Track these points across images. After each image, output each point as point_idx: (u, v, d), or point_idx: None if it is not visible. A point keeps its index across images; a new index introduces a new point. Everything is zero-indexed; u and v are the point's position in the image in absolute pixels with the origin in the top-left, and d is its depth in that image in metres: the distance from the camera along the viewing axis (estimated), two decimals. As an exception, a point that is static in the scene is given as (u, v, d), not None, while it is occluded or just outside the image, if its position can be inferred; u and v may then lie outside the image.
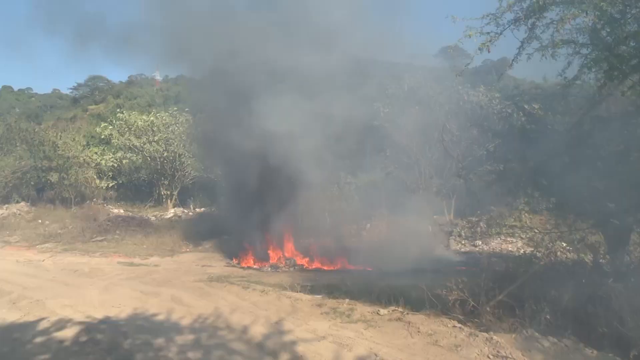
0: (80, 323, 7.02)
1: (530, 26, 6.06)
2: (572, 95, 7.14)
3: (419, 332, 6.19)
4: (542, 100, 7.25)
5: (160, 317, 7.31)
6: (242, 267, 13.68)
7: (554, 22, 5.86)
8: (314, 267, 14.22)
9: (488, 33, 6.09)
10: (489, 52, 6.07)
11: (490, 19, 6.08)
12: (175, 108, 27.74)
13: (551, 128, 7.18)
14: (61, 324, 6.97)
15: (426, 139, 21.58)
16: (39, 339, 6.34)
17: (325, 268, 14.09)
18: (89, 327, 6.82)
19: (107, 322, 7.10)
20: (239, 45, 13.85)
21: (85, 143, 28.14)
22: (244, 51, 13.71)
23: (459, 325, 6.30)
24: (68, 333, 6.57)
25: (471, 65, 6.77)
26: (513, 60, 6.23)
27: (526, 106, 8.25)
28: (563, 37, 5.96)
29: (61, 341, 6.26)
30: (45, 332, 6.64)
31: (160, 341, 6.18)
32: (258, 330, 6.52)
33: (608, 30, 5.72)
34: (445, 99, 22.27)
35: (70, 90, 79.19)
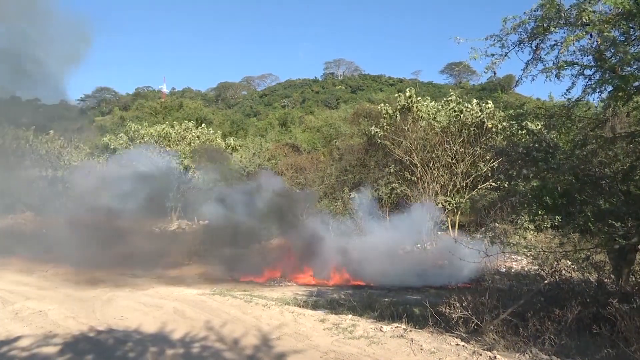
0: (82, 334, 7.02)
1: (534, 48, 6.13)
2: (577, 115, 7.17)
3: (421, 349, 6.14)
4: (547, 118, 7.28)
5: (163, 331, 7.28)
6: (246, 281, 13.68)
7: (558, 44, 5.92)
8: (316, 282, 14.19)
9: (492, 55, 6.17)
10: (494, 74, 6.14)
11: (494, 39, 6.15)
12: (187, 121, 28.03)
13: (555, 146, 7.20)
14: (63, 335, 6.97)
15: (429, 155, 21.68)
16: (39, 350, 6.33)
17: (330, 283, 14.05)
18: (91, 339, 6.81)
19: (109, 334, 7.08)
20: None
21: (90, 152, 28.33)
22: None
23: (462, 343, 6.24)
24: (70, 344, 6.56)
25: (477, 82, 6.87)
26: (517, 82, 6.31)
27: (530, 124, 8.28)
28: (567, 58, 6.02)
29: (62, 352, 6.25)
30: (46, 342, 6.64)
31: (164, 357, 6.16)
32: (254, 344, 6.50)
33: (612, 51, 5.76)
34: (445, 116, 22.42)
35: (77, 102, 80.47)
